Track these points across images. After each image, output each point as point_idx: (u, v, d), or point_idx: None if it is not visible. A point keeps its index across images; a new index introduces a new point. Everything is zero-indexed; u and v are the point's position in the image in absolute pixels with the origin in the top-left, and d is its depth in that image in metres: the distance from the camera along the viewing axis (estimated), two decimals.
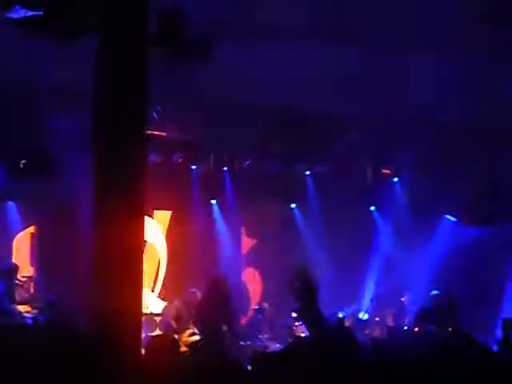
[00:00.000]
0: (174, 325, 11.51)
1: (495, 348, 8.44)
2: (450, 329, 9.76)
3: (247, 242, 14.98)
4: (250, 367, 4.51)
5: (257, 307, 13.38)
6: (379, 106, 11.54)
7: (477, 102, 11.22)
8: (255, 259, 14.94)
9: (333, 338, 4.69)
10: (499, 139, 12.82)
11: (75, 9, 6.58)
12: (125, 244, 6.20)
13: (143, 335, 10.43)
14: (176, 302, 11.83)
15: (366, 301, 13.78)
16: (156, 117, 11.19)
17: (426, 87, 10.93)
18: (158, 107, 11.00)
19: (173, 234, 14.10)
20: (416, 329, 11.51)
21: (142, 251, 6.60)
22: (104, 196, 6.34)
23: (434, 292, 11.60)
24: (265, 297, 14.33)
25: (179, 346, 5.63)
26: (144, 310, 12.78)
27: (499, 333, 8.30)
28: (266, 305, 13.45)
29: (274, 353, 5.57)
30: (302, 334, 10.72)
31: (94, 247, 6.31)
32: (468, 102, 11.30)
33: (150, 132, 11.37)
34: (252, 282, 14.90)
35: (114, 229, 6.28)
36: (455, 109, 11.68)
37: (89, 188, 6.48)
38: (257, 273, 14.96)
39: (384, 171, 14.42)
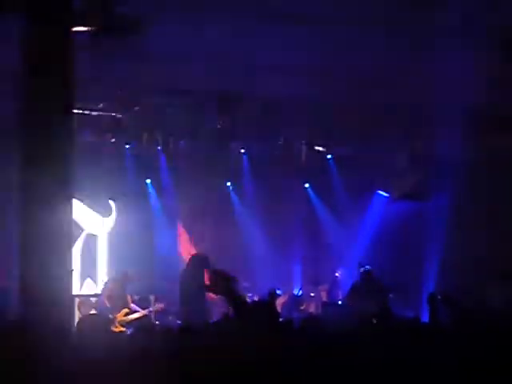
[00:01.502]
0: (108, 304, 11.49)
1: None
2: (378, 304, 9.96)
3: (184, 222, 14.96)
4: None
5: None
6: (315, 87, 11.61)
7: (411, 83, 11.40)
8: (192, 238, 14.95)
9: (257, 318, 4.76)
10: (434, 115, 13.03)
11: None
12: (52, 224, 6.16)
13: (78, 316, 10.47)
14: (109, 282, 11.79)
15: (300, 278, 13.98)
16: None
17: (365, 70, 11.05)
18: None
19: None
20: (349, 304, 11.74)
21: (71, 230, 6.55)
22: (30, 175, 6.28)
23: (366, 267, 11.84)
24: None
25: (111, 326, 5.61)
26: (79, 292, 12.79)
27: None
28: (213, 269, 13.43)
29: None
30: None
31: (21, 227, 6.26)
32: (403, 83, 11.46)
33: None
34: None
35: (40, 208, 6.24)
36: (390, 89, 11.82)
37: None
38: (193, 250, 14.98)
39: (318, 148, 14.53)
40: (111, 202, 13.79)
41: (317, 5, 9.05)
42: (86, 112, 11.99)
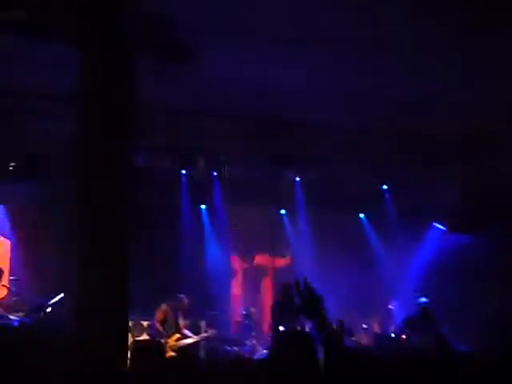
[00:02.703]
0: (161, 329, 11.51)
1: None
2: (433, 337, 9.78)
3: (235, 248, 14.96)
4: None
5: (244, 312, 13.36)
6: (367, 117, 11.59)
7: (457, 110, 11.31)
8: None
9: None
10: (482, 147, 12.89)
11: (54, 11, 6.60)
12: (111, 246, 6.20)
13: (130, 339, 10.49)
14: (163, 306, 11.81)
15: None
16: None
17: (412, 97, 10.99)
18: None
19: None
20: (403, 336, 11.55)
21: (127, 251, 6.59)
22: (88, 198, 6.34)
23: (422, 300, 11.64)
24: (250, 302, 14.35)
25: (164, 351, 5.60)
26: None
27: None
28: (253, 309, 13.44)
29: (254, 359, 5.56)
30: None
31: (80, 249, 6.31)
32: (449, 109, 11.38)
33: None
34: (240, 287, 14.90)
35: (103, 230, 6.29)
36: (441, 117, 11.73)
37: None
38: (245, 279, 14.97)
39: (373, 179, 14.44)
40: None
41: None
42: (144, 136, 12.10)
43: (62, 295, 10.34)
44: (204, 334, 12.16)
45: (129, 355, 6.11)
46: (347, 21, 8.80)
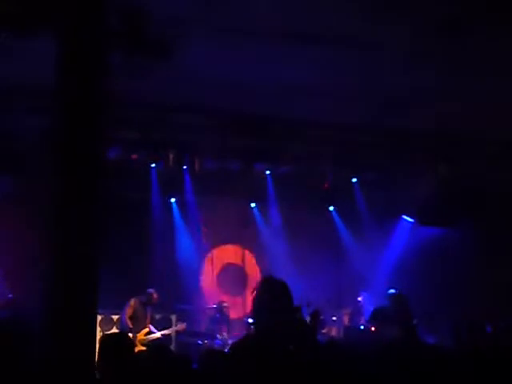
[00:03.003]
0: (130, 324, 11.50)
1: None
2: (403, 329, 9.85)
3: (207, 241, 14.97)
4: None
5: (215, 306, 13.37)
6: (341, 111, 11.62)
7: (436, 106, 11.38)
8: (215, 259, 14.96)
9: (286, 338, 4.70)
10: (459, 143, 13.01)
11: (34, 5, 6.55)
12: (81, 240, 6.18)
13: (99, 334, 10.45)
14: (132, 301, 11.80)
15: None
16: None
17: (385, 93, 11.04)
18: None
19: None
20: (372, 328, 11.62)
21: (98, 245, 6.58)
22: (63, 195, 6.31)
23: (390, 291, 11.71)
24: (221, 295, 14.36)
25: (133, 345, 5.59)
26: None
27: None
28: (224, 303, 13.46)
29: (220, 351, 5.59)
30: None
31: (51, 245, 6.29)
32: (428, 106, 11.44)
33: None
34: (211, 281, 14.91)
35: (73, 227, 6.27)
36: (415, 113, 11.80)
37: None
38: (215, 272, 14.97)
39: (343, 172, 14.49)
40: None
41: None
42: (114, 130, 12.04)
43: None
44: (174, 328, 12.17)
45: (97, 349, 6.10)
46: (321, 16, 8.81)
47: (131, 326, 11.44)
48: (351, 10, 8.65)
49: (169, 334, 11.99)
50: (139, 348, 10.98)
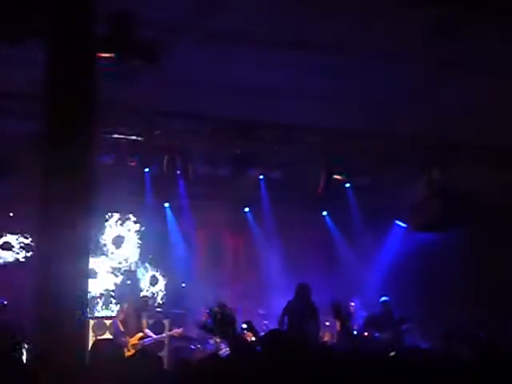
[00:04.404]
0: (122, 328, 11.50)
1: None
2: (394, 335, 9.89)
3: (201, 246, 14.98)
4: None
5: (207, 311, 13.36)
6: (333, 116, 11.65)
7: (428, 112, 11.41)
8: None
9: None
10: (452, 148, 13.04)
11: (20, 9, 6.55)
12: (72, 243, 6.16)
13: (92, 338, 10.48)
14: (125, 306, 11.80)
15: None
16: None
17: (380, 97, 11.08)
18: None
19: None
20: (365, 334, 11.66)
21: (88, 251, 6.58)
22: (51, 199, 6.30)
23: (383, 298, 11.75)
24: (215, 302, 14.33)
25: (124, 350, 5.60)
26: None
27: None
28: (217, 309, 13.43)
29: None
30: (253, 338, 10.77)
31: (39, 247, 6.28)
32: (420, 111, 11.48)
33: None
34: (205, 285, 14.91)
35: (61, 229, 6.26)
36: (407, 118, 11.83)
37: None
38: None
39: (336, 177, 14.49)
40: None
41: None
42: (107, 135, 12.05)
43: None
44: (168, 333, 12.18)
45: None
46: (307, 23, 8.85)
47: (123, 330, 11.43)
48: (338, 17, 8.71)
49: (162, 340, 12.00)
50: (131, 352, 10.98)
